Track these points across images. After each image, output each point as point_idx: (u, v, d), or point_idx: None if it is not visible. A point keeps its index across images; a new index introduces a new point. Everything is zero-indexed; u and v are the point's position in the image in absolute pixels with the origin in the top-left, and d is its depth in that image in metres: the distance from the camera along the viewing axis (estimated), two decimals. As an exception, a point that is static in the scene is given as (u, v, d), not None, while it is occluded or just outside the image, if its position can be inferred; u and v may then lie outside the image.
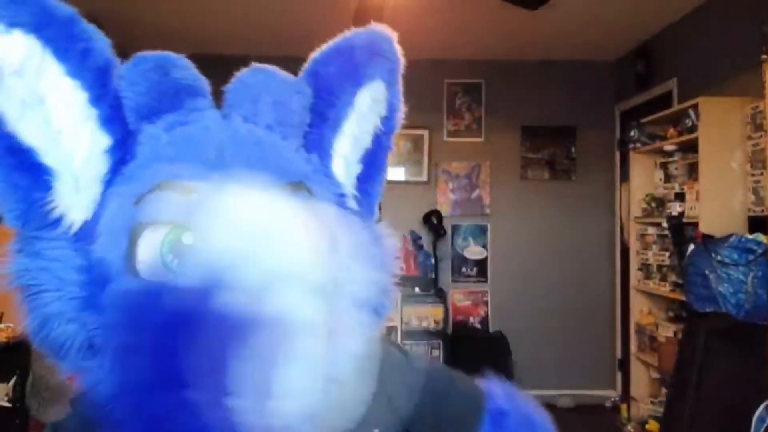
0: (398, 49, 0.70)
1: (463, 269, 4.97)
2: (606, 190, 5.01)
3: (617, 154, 4.92)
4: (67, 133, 0.55)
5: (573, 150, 5.02)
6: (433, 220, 4.82)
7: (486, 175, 5.01)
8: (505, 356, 4.64)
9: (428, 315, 4.54)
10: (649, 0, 3.71)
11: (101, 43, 0.56)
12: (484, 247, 5.02)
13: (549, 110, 4.98)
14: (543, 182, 5.03)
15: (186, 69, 0.60)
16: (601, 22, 4.08)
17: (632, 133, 3.79)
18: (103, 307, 0.52)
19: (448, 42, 4.52)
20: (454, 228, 4.99)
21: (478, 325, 4.98)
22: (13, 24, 0.51)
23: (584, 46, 4.63)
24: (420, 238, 4.85)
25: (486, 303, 5.00)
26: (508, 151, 5.02)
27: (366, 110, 0.69)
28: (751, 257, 2.64)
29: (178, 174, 0.55)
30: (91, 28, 0.55)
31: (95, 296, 0.53)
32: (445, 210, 4.93)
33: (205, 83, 0.61)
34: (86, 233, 0.55)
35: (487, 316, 5.00)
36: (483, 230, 5.02)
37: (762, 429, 2.31)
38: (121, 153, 0.57)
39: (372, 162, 0.70)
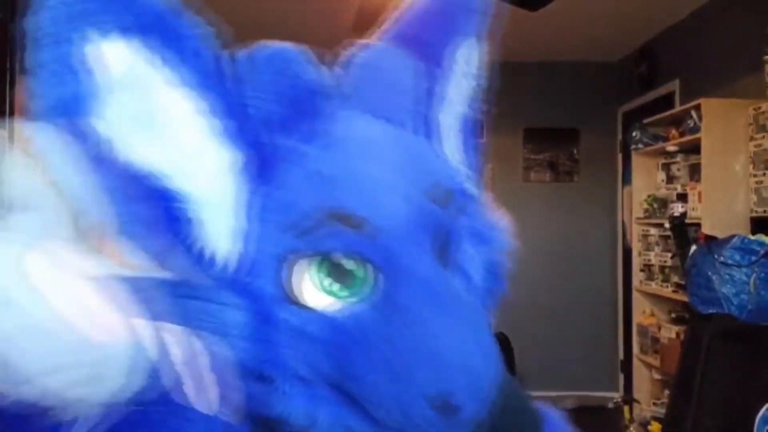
0: None
1: (466, 270, 4.97)
2: (608, 191, 5.00)
3: (619, 156, 4.91)
4: (189, 150, 0.45)
5: (575, 151, 5.02)
6: (435, 222, 4.82)
7: (488, 176, 5.01)
8: (508, 357, 4.63)
9: (430, 316, 4.53)
10: (652, 1, 3.71)
11: (209, 39, 0.46)
12: (487, 248, 5.01)
13: (551, 112, 4.97)
14: (545, 184, 5.03)
15: (315, 66, 0.49)
16: (604, 23, 4.08)
17: (634, 134, 3.79)
18: (275, 341, 0.45)
19: (450, 43, 4.51)
20: (457, 229, 4.98)
21: (481, 327, 4.97)
22: (111, 29, 0.42)
23: (586, 48, 4.62)
24: (422, 239, 4.85)
25: (488, 304, 4.99)
26: (511, 153, 5.01)
27: (460, 73, 0.59)
28: (753, 258, 2.63)
29: (339, 203, 0.46)
30: (197, 22, 0.45)
31: (258, 331, 0.45)
32: (447, 211, 4.92)
33: (332, 78, 0.52)
34: (238, 265, 0.46)
35: (490, 317, 4.99)
36: (485, 231, 5.01)
37: (765, 430, 2.31)
38: (258, 170, 0.47)
39: (469, 129, 0.63)
